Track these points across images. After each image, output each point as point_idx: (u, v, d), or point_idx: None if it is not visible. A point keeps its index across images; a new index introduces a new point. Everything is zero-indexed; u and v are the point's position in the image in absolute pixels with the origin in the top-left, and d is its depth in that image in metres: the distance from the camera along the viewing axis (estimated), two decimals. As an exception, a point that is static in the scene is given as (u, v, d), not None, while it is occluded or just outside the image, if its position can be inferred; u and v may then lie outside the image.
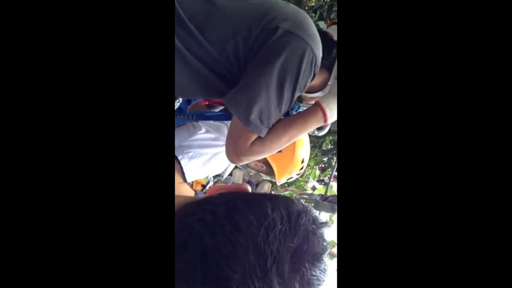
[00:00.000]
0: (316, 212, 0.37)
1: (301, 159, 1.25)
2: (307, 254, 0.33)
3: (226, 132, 1.37)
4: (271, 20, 0.71)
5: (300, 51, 0.70)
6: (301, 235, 0.33)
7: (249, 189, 0.41)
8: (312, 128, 0.80)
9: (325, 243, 0.35)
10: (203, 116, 1.23)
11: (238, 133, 0.76)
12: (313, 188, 2.53)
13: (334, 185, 2.52)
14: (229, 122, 1.48)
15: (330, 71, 0.86)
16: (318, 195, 1.22)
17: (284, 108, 0.75)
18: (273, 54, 0.70)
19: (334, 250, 2.19)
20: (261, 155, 0.79)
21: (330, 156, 2.49)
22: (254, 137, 0.76)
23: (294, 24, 0.72)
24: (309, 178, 2.74)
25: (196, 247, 0.33)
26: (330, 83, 0.87)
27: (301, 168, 1.30)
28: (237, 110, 0.72)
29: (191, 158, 1.11)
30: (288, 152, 1.22)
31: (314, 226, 0.35)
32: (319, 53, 0.75)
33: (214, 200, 0.38)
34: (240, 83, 0.74)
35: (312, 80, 0.78)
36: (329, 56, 0.82)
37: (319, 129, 0.96)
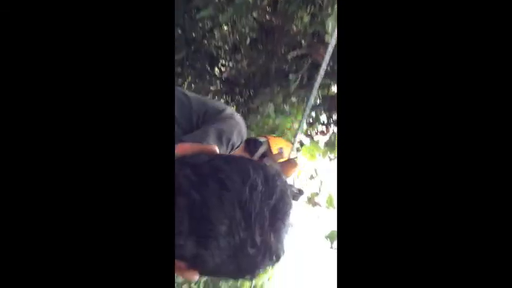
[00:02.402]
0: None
1: None
2: (282, 211, 0.38)
3: None
4: (220, 108, 1.07)
5: (233, 123, 1.03)
6: (278, 195, 0.38)
7: (217, 150, 0.43)
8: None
9: (292, 202, 0.41)
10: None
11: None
12: (301, 143, 2.62)
13: (321, 140, 2.60)
14: None
15: None
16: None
17: (224, 145, 0.98)
18: (216, 122, 1.02)
19: (316, 199, 2.34)
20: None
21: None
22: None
23: (233, 113, 1.08)
24: (297, 131, 2.81)
25: (183, 202, 0.35)
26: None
27: None
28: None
29: None
30: None
31: (286, 187, 0.40)
32: (245, 132, 1.06)
33: (193, 158, 0.39)
34: None
35: (238, 146, 1.05)
36: None
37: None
